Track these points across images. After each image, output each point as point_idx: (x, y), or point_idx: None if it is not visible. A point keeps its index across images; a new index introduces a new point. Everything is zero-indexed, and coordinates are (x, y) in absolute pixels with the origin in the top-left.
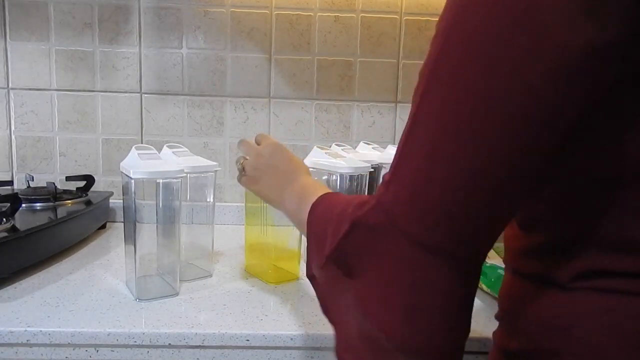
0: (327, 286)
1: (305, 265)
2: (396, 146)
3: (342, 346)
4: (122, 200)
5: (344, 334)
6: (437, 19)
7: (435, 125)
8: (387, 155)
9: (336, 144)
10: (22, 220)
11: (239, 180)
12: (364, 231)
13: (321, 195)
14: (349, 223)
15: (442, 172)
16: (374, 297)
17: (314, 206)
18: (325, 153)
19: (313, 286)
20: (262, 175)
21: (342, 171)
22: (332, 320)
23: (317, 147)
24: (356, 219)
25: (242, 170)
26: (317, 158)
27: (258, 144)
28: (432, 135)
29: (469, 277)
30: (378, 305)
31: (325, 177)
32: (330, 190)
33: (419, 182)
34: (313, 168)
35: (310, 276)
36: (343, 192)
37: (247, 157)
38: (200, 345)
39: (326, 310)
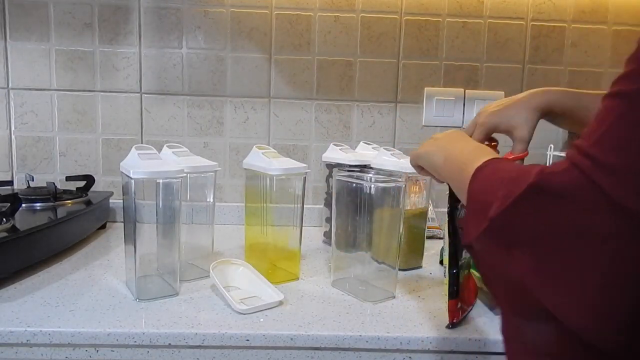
0: (488, 256)
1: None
2: (388, 149)
3: (508, 327)
4: (122, 200)
5: (509, 310)
6: (437, 19)
7: None
8: (379, 159)
9: (334, 144)
10: (22, 220)
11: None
12: (547, 195)
13: (489, 159)
14: (527, 184)
15: None
16: (550, 275)
17: (480, 169)
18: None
19: (472, 256)
20: (430, 146)
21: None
22: (493, 294)
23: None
24: (539, 181)
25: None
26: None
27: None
28: None
29: None
30: (556, 285)
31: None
32: (497, 155)
33: None
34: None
35: (467, 245)
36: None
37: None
38: (200, 345)
39: (487, 282)
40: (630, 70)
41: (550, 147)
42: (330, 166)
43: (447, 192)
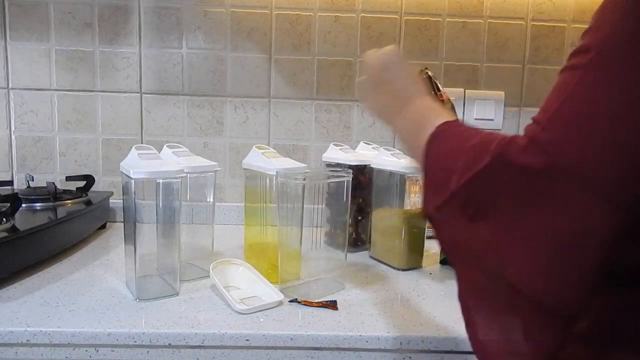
0: (448, 226)
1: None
2: (388, 149)
3: (467, 287)
4: (122, 200)
5: (468, 278)
6: (437, 19)
7: (629, 68)
8: (379, 159)
9: (334, 144)
10: (22, 220)
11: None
12: (510, 169)
13: (445, 123)
14: (490, 157)
15: (633, 119)
16: (508, 243)
17: (436, 135)
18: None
19: (432, 226)
20: (375, 91)
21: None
22: (453, 263)
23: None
24: (501, 155)
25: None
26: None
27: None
28: (624, 79)
29: (627, 229)
30: (519, 251)
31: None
32: (453, 115)
33: (601, 121)
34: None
35: (428, 215)
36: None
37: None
38: (200, 345)
39: (447, 251)
40: (584, 44)
41: None
42: (331, 166)
43: None
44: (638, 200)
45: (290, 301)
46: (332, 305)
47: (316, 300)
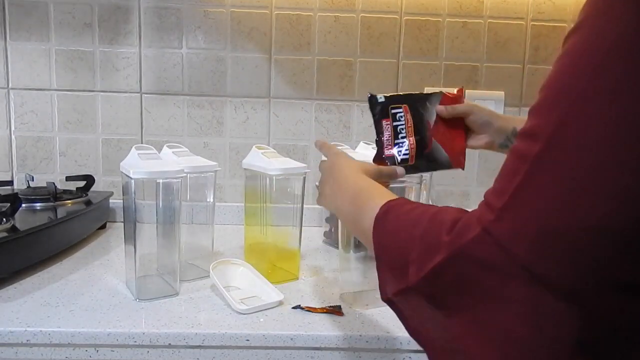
0: (411, 312)
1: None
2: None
3: None
4: (122, 200)
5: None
6: (437, 19)
7: (578, 160)
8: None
9: (334, 144)
10: (22, 220)
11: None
12: (468, 265)
13: (387, 204)
14: (447, 252)
15: (585, 204)
16: (478, 339)
17: (382, 218)
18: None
19: (393, 310)
20: (322, 186)
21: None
22: (422, 345)
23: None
24: (457, 250)
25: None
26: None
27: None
28: (573, 170)
29: (595, 324)
30: (484, 347)
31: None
32: (389, 192)
33: (554, 215)
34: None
35: (387, 301)
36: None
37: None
38: (200, 345)
39: (413, 334)
40: (534, 125)
41: None
42: None
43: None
44: (606, 298)
45: (294, 307)
46: (337, 310)
47: (320, 306)
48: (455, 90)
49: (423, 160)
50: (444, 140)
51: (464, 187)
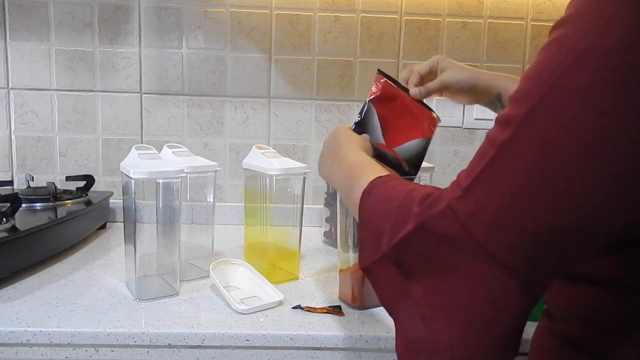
0: (384, 282)
1: (338, 257)
2: None
3: (403, 344)
4: (122, 200)
5: (405, 332)
6: (437, 19)
7: (538, 153)
8: None
9: None
10: (22, 220)
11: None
12: (431, 237)
13: (375, 179)
14: (414, 223)
15: (538, 196)
16: (434, 306)
17: (367, 192)
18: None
19: (369, 279)
20: (322, 158)
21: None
22: (392, 315)
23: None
24: (423, 222)
25: None
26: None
27: None
28: (532, 162)
29: (533, 302)
30: (437, 315)
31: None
32: (381, 168)
33: (510, 200)
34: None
35: (365, 269)
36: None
37: None
38: (200, 345)
39: (385, 304)
40: (508, 112)
41: None
42: None
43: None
44: (547, 280)
45: (294, 307)
46: (337, 310)
47: (320, 307)
48: (373, 88)
49: (404, 167)
50: (401, 137)
51: None
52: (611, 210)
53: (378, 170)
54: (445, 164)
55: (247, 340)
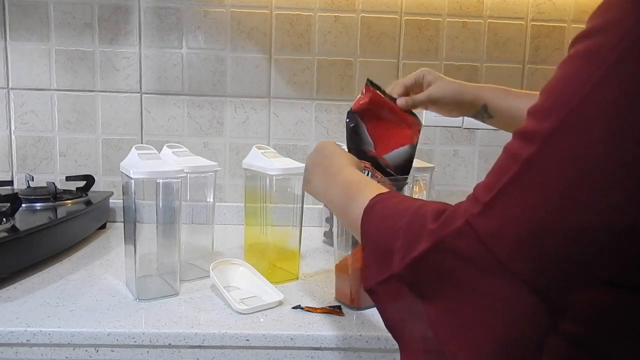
0: (392, 302)
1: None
2: None
3: None
4: (122, 200)
5: (414, 355)
6: (437, 19)
7: (567, 169)
8: None
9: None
10: (22, 220)
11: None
12: (449, 255)
13: (377, 196)
14: (430, 241)
15: (567, 214)
16: (453, 327)
17: (370, 209)
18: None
19: (373, 300)
20: (310, 175)
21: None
22: (398, 336)
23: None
24: (440, 240)
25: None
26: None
27: None
28: (560, 179)
29: (559, 321)
30: (457, 337)
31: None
32: (379, 186)
33: (537, 218)
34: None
35: (369, 290)
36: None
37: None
38: (200, 345)
39: (391, 325)
40: (530, 126)
41: None
42: None
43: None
44: (573, 297)
45: (294, 307)
46: (337, 310)
47: (320, 307)
48: (360, 96)
49: (395, 173)
50: (390, 145)
51: (464, 187)
52: None
53: (377, 187)
54: (445, 164)
55: (247, 340)
